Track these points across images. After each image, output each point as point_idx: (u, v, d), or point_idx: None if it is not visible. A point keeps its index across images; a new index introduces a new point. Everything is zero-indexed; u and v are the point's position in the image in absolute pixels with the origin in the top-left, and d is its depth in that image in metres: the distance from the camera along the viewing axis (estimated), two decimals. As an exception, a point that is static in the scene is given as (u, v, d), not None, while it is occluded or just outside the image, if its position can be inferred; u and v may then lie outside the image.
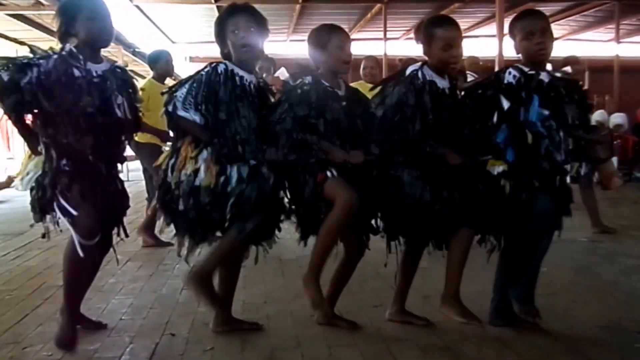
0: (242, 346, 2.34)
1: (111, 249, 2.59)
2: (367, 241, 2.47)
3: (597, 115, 8.95)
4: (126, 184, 2.64)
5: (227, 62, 2.28)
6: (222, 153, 2.18)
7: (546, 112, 2.24)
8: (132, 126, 2.53)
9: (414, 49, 2.45)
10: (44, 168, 2.26)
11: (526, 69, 2.28)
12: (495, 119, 2.26)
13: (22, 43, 10.89)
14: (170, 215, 2.29)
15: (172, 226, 2.36)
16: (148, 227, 4.41)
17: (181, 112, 2.20)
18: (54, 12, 2.44)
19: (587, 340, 2.37)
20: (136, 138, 4.31)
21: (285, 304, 2.90)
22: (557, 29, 12.22)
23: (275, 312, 2.77)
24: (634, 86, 10.58)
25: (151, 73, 4.81)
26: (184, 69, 14.37)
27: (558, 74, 2.38)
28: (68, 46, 2.28)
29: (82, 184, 2.26)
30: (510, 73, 2.28)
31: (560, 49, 13.15)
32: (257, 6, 2.34)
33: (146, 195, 4.67)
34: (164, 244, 4.24)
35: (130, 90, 2.49)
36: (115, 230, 2.56)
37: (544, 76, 2.30)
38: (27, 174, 2.30)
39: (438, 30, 2.28)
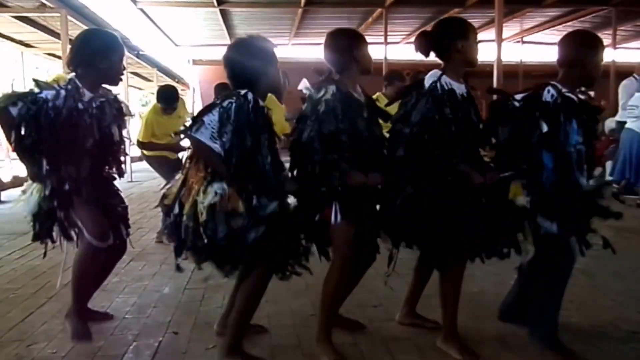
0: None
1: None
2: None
3: (612, 123, 9.03)
4: (129, 185, 2.70)
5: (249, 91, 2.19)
6: (241, 188, 2.09)
7: (580, 138, 2.22)
8: (123, 151, 2.64)
9: (414, 53, 2.43)
10: (45, 193, 2.34)
11: (564, 90, 2.23)
12: (534, 140, 2.20)
13: (27, 45, 10.96)
14: (184, 247, 2.20)
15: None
16: None
17: (207, 141, 2.09)
18: (58, 15, 2.55)
19: (583, 340, 2.41)
20: (145, 152, 4.63)
21: (286, 303, 2.94)
22: (554, 35, 12.28)
23: (276, 312, 2.80)
24: (631, 91, 10.64)
25: (155, 76, 4.97)
26: (186, 71, 14.45)
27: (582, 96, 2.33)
28: (73, 80, 2.37)
29: (85, 196, 2.38)
30: (549, 92, 2.22)
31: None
32: (259, 10, 2.39)
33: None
34: None
35: (122, 118, 2.61)
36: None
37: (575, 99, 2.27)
38: (30, 196, 2.41)
39: (471, 27, 2.28)
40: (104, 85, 2.51)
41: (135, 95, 23.53)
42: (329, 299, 2.31)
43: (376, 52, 2.23)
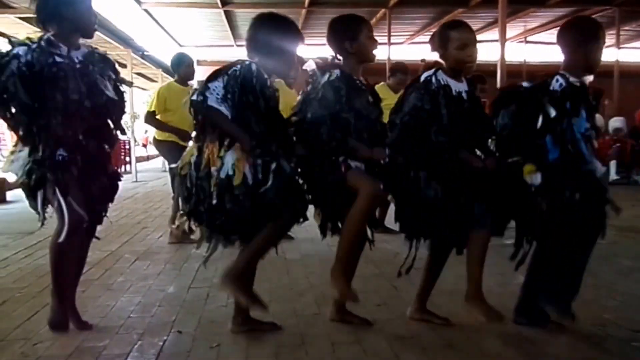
0: (248, 343, 2.39)
1: (122, 249, 2.64)
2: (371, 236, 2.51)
3: (616, 122, 9.05)
4: (134, 185, 2.69)
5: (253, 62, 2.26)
6: (252, 149, 2.15)
7: (588, 124, 2.31)
8: (121, 106, 2.52)
9: (417, 53, 2.51)
10: (35, 157, 2.25)
11: (572, 79, 2.31)
12: (539, 124, 2.26)
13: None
14: (199, 212, 2.24)
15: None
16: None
17: (214, 104, 2.13)
18: None
19: (585, 339, 2.41)
20: (155, 136, 4.55)
21: (290, 302, 2.95)
22: (559, 34, 12.30)
23: (280, 311, 2.80)
24: (633, 91, 10.64)
25: (159, 77, 4.98)
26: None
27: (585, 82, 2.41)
28: (46, 35, 2.28)
29: (74, 176, 2.29)
30: (557, 80, 2.31)
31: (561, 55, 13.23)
32: (263, 10, 2.42)
33: (156, 195, 4.75)
34: (189, 241, 4.35)
35: (113, 73, 2.49)
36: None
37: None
38: (16, 160, 2.32)
39: (452, 32, 2.35)
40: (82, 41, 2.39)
41: (140, 96, 23.55)
42: (352, 234, 2.31)
43: (380, 52, 2.25)
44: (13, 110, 2.24)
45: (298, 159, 2.32)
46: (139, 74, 15.43)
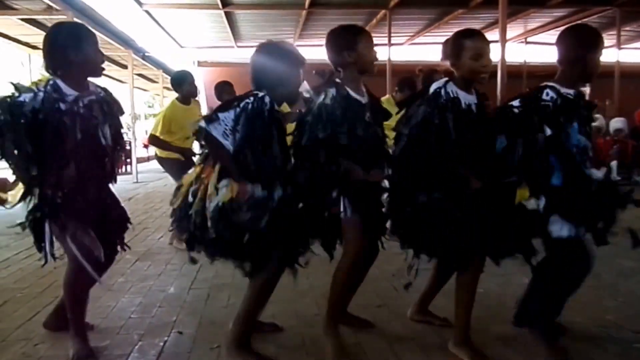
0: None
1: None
2: (381, 244, 2.49)
3: (617, 122, 9.06)
4: (135, 185, 2.69)
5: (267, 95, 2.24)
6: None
7: (582, 138, 2.24)
8: (118, 152, 2.54)
9: (418, 54, 2.44)
10: (36, 200, 2.27)
11: (563, 90, 2.24)
12: (540, 143, 2.18)
13: (34, 47, 11.03)
14: (194, 241, 2.22)
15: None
16: None
17: (220, 138, 2.12)
18: (65, 17, 2.42)
19: (587, 340, 2.42)
20: (157, 153, 4.62)
21: (291, 303, 2.95)
22: (560, 35, 12.30)
23: (281, 311, 2.81)
24: (634, 91, 10.65)
25: (160, 77, 5.00)
26: (191, 72, 14.48)
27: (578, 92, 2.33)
28: (52, 81, 2.27)
29: (76, 214, 2.28)
30: (547, 94, 2.23)
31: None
32: (264, 12, 2.42)
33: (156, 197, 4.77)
34: None
35: (116, 117, 2.50)
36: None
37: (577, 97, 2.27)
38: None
39: (467, 41, 2.24)
40: (91, 81, 2.40)
41: (141, 97, 23.59)
42: (339, 289, 2.32)
43: (380, 53, 2.22)
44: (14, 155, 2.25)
45: (296, 190, 2.23)
46: (139, 74, 15.46)
